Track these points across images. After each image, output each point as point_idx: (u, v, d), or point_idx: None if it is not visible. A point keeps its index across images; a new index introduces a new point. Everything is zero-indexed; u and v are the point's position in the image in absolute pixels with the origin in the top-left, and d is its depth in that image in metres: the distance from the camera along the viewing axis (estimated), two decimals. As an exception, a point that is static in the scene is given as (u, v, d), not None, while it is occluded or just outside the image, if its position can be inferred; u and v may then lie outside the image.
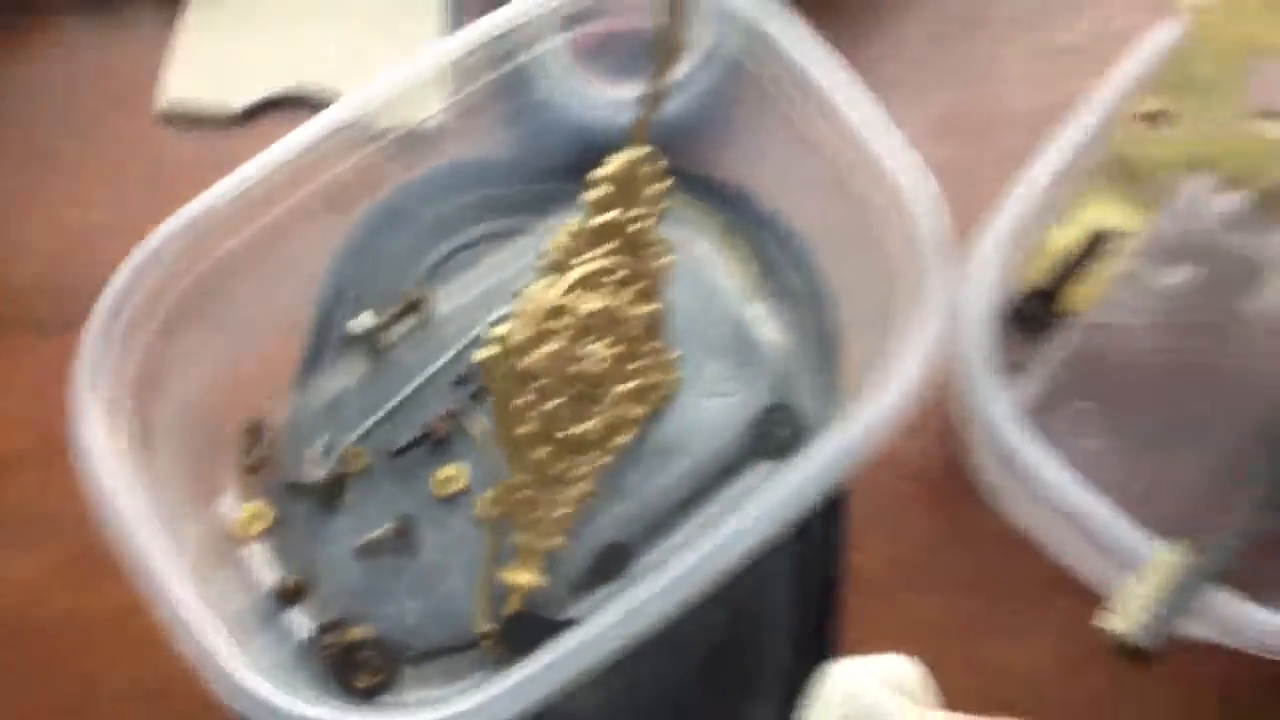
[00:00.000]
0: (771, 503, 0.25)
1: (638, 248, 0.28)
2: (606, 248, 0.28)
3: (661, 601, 0.24)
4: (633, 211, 0.28)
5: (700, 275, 0.33)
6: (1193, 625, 0.27)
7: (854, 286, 0.32)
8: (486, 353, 0.26)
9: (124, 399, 0.27)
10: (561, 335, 0.27)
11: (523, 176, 0.33)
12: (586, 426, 0.29)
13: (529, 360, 0.27)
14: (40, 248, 0.36)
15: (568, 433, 0.28)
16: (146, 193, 0.29)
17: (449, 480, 0.31)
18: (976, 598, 0.33)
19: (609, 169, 0.27)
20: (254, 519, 0.30)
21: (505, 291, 0.29)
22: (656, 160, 0.28)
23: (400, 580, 0.30)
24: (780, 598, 0.31)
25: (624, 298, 0.28)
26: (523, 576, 0.29)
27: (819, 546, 0.32)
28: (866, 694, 0.26)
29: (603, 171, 0.27)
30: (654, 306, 0.29)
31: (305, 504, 0.31)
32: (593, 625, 0.24)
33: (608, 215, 0.27)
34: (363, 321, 0.32)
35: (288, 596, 0.29)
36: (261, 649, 0.26)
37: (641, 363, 0.30)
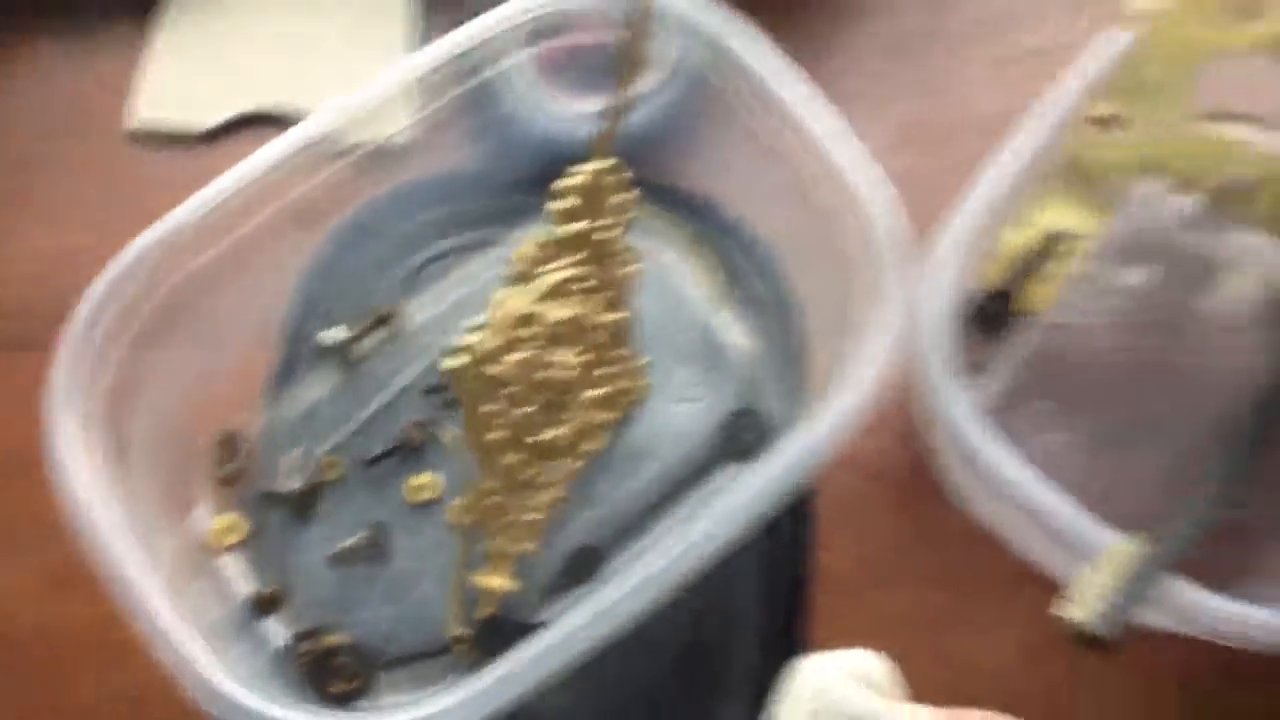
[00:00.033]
0: (736, 504, 0.26)
1: (604, 257, 0.29)
2: (573, 257, 0.28)
3: (629, 603, 0.25)
4: (598, 221, 0.28)
5: (667, 283, 0.33)
6: (1149, 614, 0.27)
7: (817, 292, 0.32)
8: (456, 361, 0.27)
9: (98, 413, 0.27)
10: (530, 343, 0.27)
11: (490, 190, 0.33)
12: (556, 433, 0.29)
13: (498, 368, 0.27)
14: (14, 268, 0.36)
15: (537, 439, 0.29)
16: (118, 212, 0.29)
17: (422, 488, 0.31)
18: (942, 593, 0.33)
19: (574, 181, 0.28)
20: (229, 529, 0.30)
21: (475, 303, 0.30)
22: (621, 171, 0.28)
23: (374, 587, 0.30)
24: (749, 597, 0.31)
25: (591, 306, 0.29)
26: (495, 581, 0.29)
27: (787, 546, 0.32)
28: (835, 688, 0.26)
29: (568, 183, 0.28)
30: (621, 314, 0.30)
31: (279, 514, 0.31)
32: (561, 628, 0.25)
33: (574, 226, 0.28)
34: (335, 334, 0.32)
35: (263, 605, 0.30)
36: (238, 657, 0.26)
37: (610, 369, 0.30)
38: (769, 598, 0.31)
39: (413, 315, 0.33)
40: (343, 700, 0.29)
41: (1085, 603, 0.26)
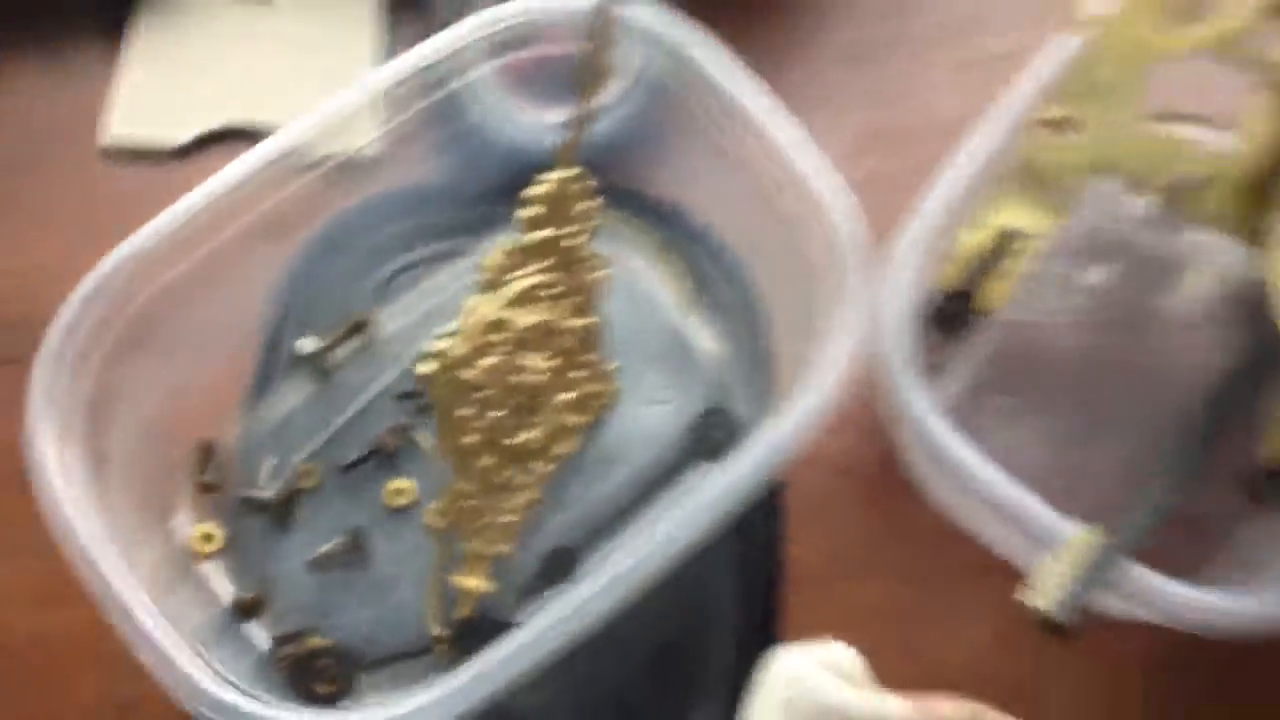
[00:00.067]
0: (703, 502, 0.27)
1: (572, 264, 0.30)
2: (541, 264, 0.29)
3: (599, 601, 0.25)
4: (565, 229, 0.29)
5: (636, 288, 0.34)
6: (1113, 602, 0.28)
7: (782, 295, 0.33)
8: (428, 367, 0.27)
9: (77, 424, 0.28)
10: (500, 348, 0.28)
11: (458, 200, 0.34)
12: (529, 436, 0.29)
13: (470, 373, 0.28)
14: None
15: (510, 442, 0.29)
16: (94, 227, 0.29)
17: (398, 493, 0.31)
18: (910, 586, 0.34)
19: (540, 189, 0.29)
20: (209, 536, 0.31)
21: (446, 311, 0.30)
22: (586, 180, 0.29)
23: (354, 591, 0.31)
24: (724, 597, 0.32)
25: (560, 312, 0.29)
26: (472, 582, 0.30)
27: (760, 546, 0.33)
28: (808, 678, 0.27)
29: (534, 192, 0.29)
30: (590, 320, 0.30)
31: (259, 520, 0.31)
32: (533, 627, 0.25)
33: (541, 233, 0.29)
34: (309, 344, 0.32)
35: (245, 610, 0.30)
36: (222, 661, 0.26)
37: (580, 373, 0.31)
38: (744, 597, 0.32)
39: (385, 324, 0.33)
40: (326, 701, 0.29)
41: (1046, 591, 0.27)
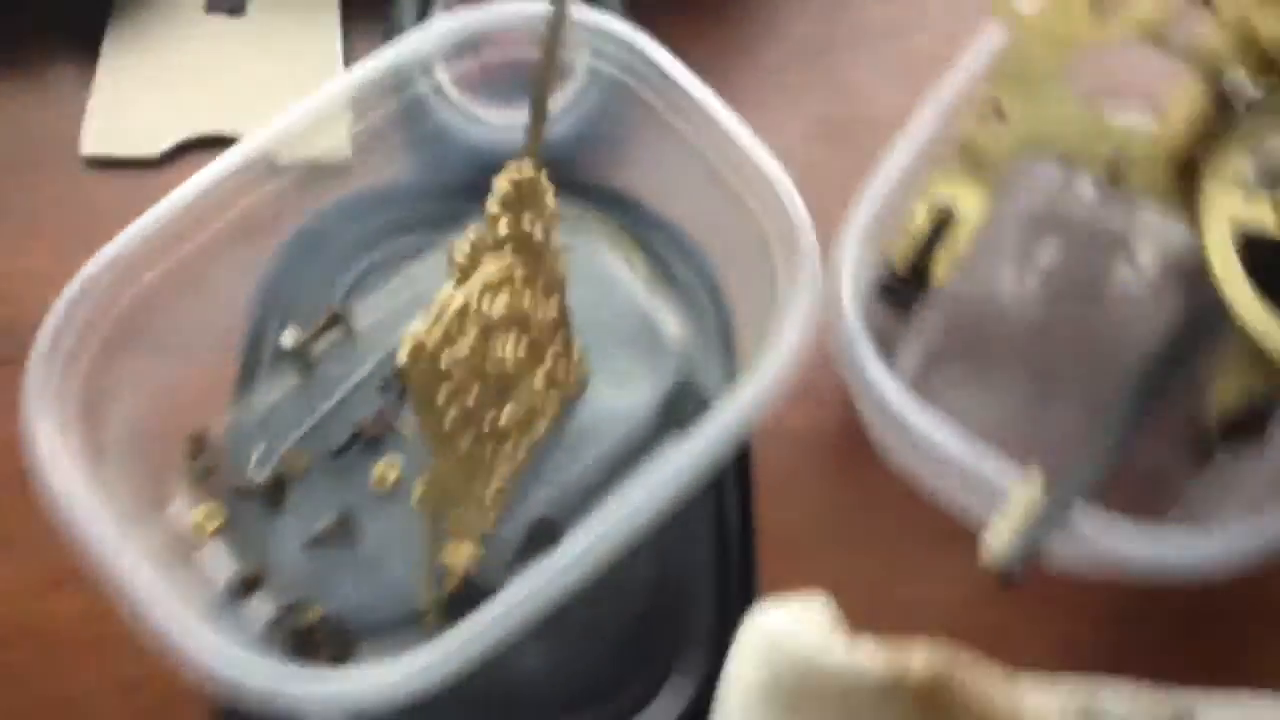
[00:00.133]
0: (671, 470, 0.28)
1: (537, 253, 0.31)
2: (508, 255, 0.30)
3: (577, 564, 0.27)
4: (529, 220, 0.30)
5: (601, 275, 0.35)
6: (1069, 555, 0.30)
7: (740, 276, 0.34)
8: (403, 353, 0.29)
9: (73, 420, 0.28)
10: (472, 334, 0.29)
11: (426, 198, 0.35)
12: (505, 416, 0.31)
13: (443, 359, 0.29)
14: None
15: (488, 423, 0.30)
16: (76, 235, 0.30)
17: (385, 474, 0.33)
18: (878, 551, 0.35)
19: (503, 184, 0.29)
20: (205, 522, 0.32)
21: (419, 302, 0.31)
22: (547, 174, 0.30)
23: (348, 568, 0.32)
24: (702, 565, 0.33)
25: (528, 299, 0.30)
26: (460, 555, 0.31)
27: (734, 516, 0.34)
28: (785, 629, 0.28)
29: (498, 187, 0.29)
30: (558, 305, 0.32)
31: (252, 505, 0.32)
32: (515, 590, 0.26)
33: (505, 226, 0.30)
34: (290, 338, 0.33)
35: (244, 589, 0.31)
36: (224, 636, 0.27)
37: (551, 357, 0.32)
38: (721, 564, 0.33)
39: (362, 317, 0.34)
40: (324, 671, 0.30)
41: (999, 544, 0.28)
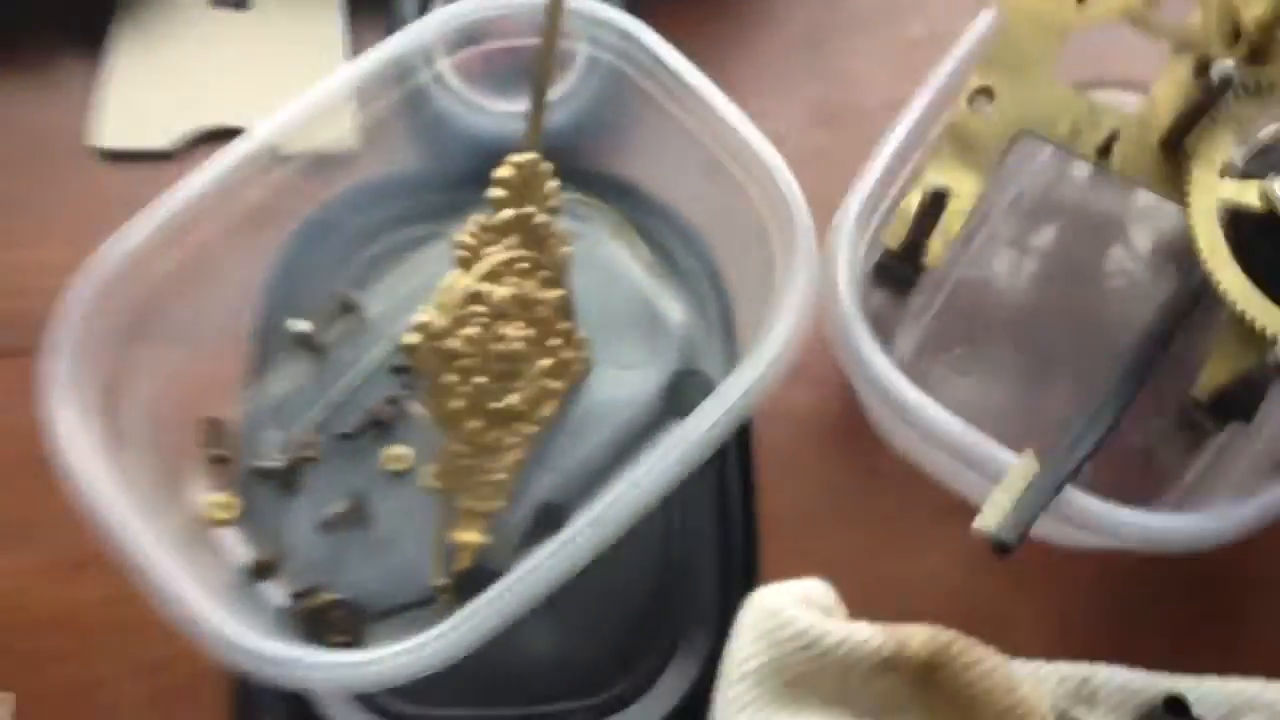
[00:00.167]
0: (672, 451, 0.28)
1: (540, 240, 0.31)
2: (511, 240, 0.31)
3: (581, 543, 0.27)
4: (531, 208, 0.31)
5: (603, 262, 0.35)
6: (1064, 530, 0.30)
7: (740, 261, 0.35)
8: (413, 338, 0.30)
9: (91, 409, 0.29)
10: (479, 319, 0.30)
11: (431, 187, 0.35)
12: (511, 400, 0.31)
13: (452, 343, 0.30)
14: None
15: (495, 406, 0.31)
16: (88, 227, 0.30)
17: (395, 458, 0.33)
18: (878, 530, 0.36)
19: (505, 173, 0.30)
20: (222, 506, 0.32)
21: (427, 289, 0.31)
22: (548, 161, 0.31)
23: (360, 549, 0.32)
24: (706, 547, 0.34)
25: (532, 284, 0.31)
26: (469, 537, 0.32)
27: (736, 499, 0.35)
28: (785, 610, 0.29)
29: (500, 175, 0.30)
30: (560, 291, 0.32)
31: (267, 489, 0.33)
32: (522, 569, 0.27)
33: (509, 213, 0.31)
34: (302, 325, 0.34)
35: (260, 572, 0.32)
36: (243, 617, 0.27)
37: (556, 341, 0.32)
38: (723, 546, 0.34)
39: (371, 304, 0.35)
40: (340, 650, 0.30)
41: (994, 516, 0.29)
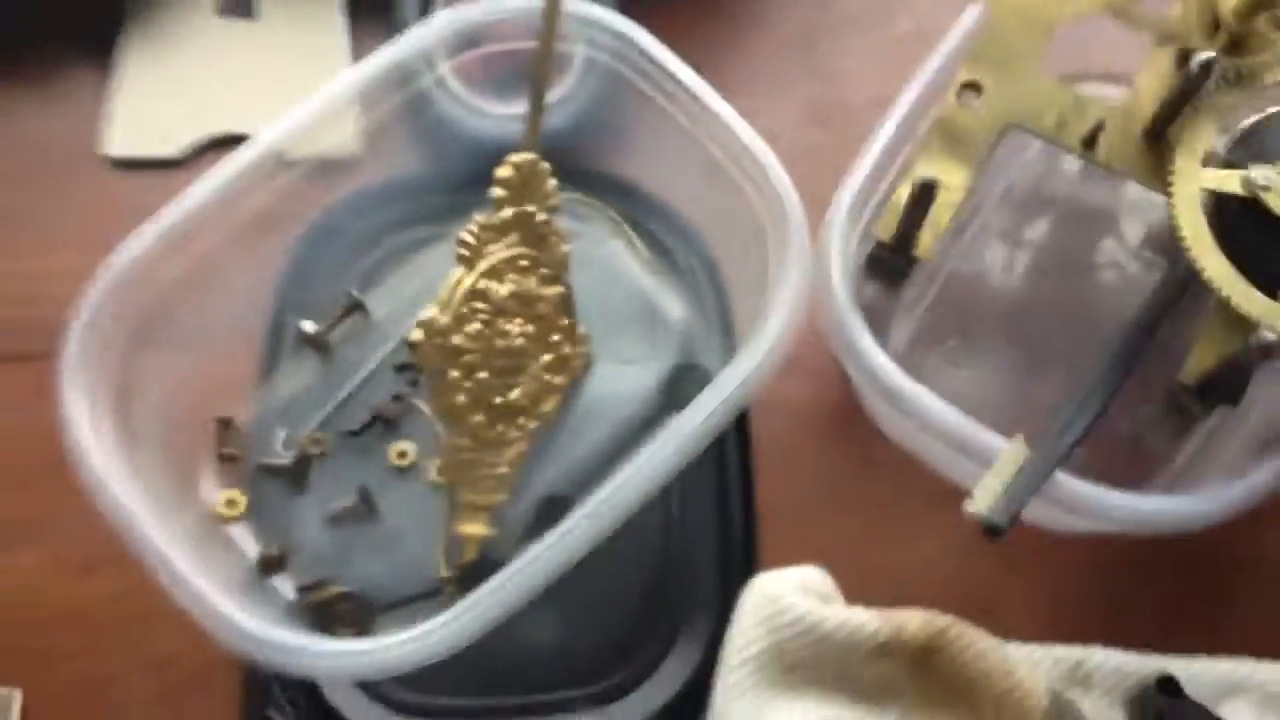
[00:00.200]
0: (671, 442, 0.29)
1: (541, 238, 0.32)
2: (512, 239, 0.31)
3: (582, 532, 0.28)
4: (531, 207, 0.31)
5: (603, 259, 0.36)
6: (1056, 515, 0.31)
7: (736, 256, 0.35)
8: (416, 335, 0.30)
9: (106, 410, 0.30)
10: (481, 316, 0.31)
11: (433, 190, 0.36)
12: (513, 395, 0.32)
13: (455, 339, 0.30)
14: (8, 290, 0.39)
15: (498, 401, 0.32)
16: (99, 235, 0.30)
17: (401, 453, 0.33)
18: (874, 517, 0.36)
19: (506, 173, 0.31)
20: (232, 502, 0.33)
21: (431, 289, 0.32)
22: (547, 162, 0.32)
23: (367, 543, 0.33)
24: (706, 536, 0.34)
25: (532, 281, 0.32)
26: (474, 529, 0.32)
27: (735, 490, 0.35)
28: (783, 596, 0.29)
29: (500, 176, 0.31)
30: (560, 288, 0.33)
31: (277, 485, 0.33)
32: (524, 559, 0.28)
33: (509, 211, 0.31)
34: (310, 327, 0.34)
35: (270, 565, 0.32)
36: (254, 610, 0.28)
37: (556, 338, 0.33)
38: (723, 535, 0.35)
39: (377, 305, 0.35)
40: (348, 642, 0.32)
41: (985, 499, 0.29)
